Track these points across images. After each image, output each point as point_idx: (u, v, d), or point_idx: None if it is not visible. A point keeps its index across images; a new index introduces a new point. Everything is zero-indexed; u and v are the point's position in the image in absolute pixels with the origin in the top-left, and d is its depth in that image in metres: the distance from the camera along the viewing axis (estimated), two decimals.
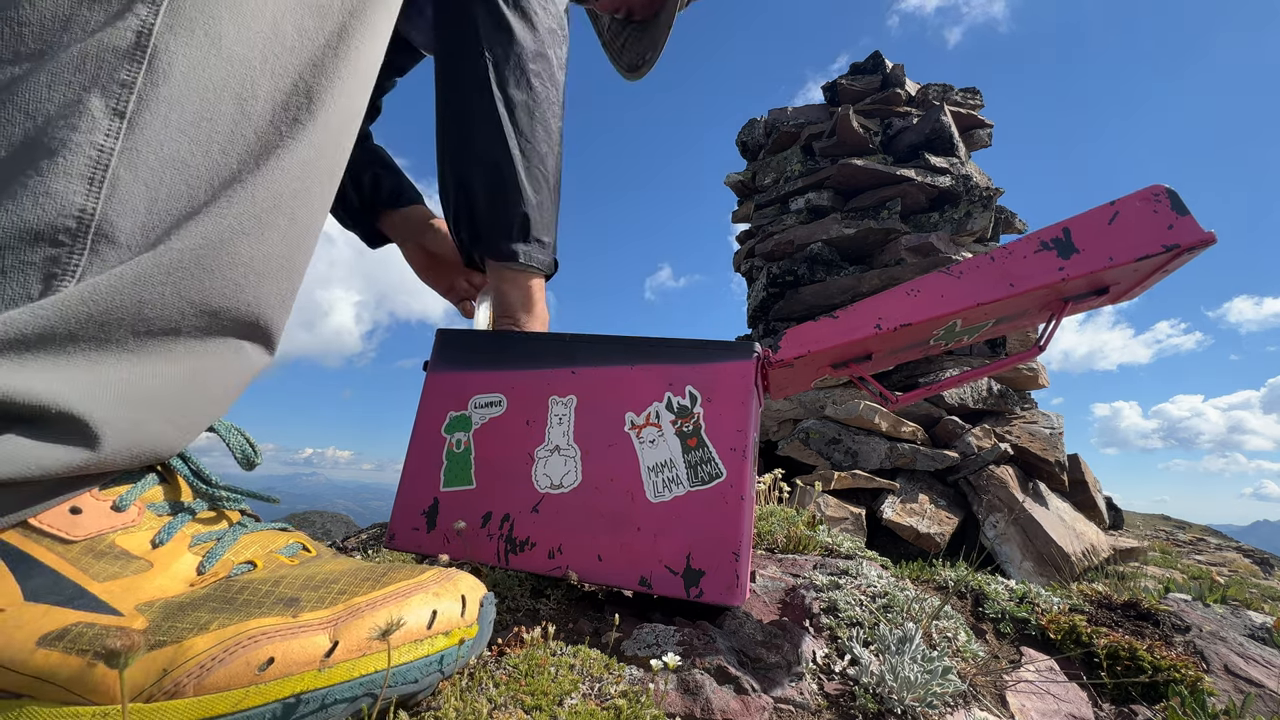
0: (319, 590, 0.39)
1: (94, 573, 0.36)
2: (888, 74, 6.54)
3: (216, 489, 0.45)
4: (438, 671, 0.39)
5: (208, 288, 0.39)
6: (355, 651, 0.36)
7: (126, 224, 0.36)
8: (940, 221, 5.70)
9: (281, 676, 0.34)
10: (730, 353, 0.65)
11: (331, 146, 0.44)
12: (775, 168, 6.59)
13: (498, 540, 0.64)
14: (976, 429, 4.65)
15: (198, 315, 0.39)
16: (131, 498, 0.40)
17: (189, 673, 0.33)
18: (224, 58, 0.37)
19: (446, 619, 0.40)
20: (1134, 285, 0.69)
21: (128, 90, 0.35)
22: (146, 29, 0.35)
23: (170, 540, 0.40)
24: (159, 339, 0.38)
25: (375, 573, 0.42)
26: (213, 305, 0.40)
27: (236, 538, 0.43)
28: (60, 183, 0.34)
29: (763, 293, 6.00)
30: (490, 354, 0.71)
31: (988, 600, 0.89)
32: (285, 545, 0.45)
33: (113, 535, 0.38)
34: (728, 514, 0.60)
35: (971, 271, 0.65)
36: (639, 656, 0.54)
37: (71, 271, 0.34)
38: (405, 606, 0.38)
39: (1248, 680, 0.78)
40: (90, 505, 0.38)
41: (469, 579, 0.44)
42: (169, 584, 0.38)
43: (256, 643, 0.34)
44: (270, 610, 0.37)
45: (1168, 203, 0.61)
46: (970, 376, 0.76)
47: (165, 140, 0.36)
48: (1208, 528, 7.77)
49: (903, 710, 0.55)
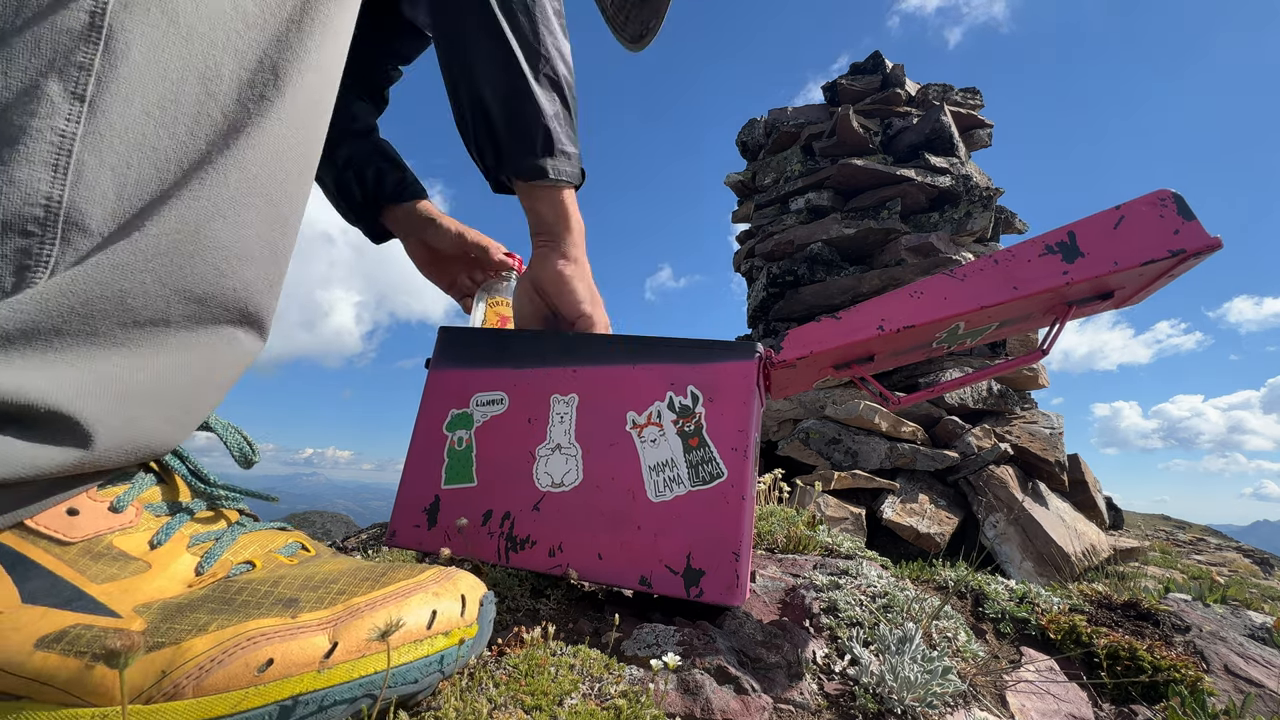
0: (318, 590, 0.39)
1: (92, 574, 0.36)
2: (888, 74, 6.54)
3: (215, 488, 0.44)
4: (438, 671, 0.39)
5: (190, 273, 0.38)
6: (355, 652, 0.36)
7: (97, 211, 0.35)
8: (940, 221, 5.70)
9: (281, 678, 0.34)
10: (732, 353, 0.65)
11: (305, 125, 0.43)
12: (775, 168, 6.59)
13: (498, 538, 0.64)
14: (976, 429, 4.65)
15: (184, 303, 0.38)
16: (129, 498, 0.40)
17: (188, 674, 0.32)
18: (183, 36, 0.36)
19: (446, 619, 0.40)
20: (1139, 290, 0.69)
21: (85, 72, 0.34)
22: (100, 8, 0.34)
23: (168, 541, 0.40)
24: (147, 330, 0.37)
25: (375, 572, 0.41)
26: (197, 291, 0.39)
27: (235, 538, 0.43)
28: (23, 170, 0.32)
29: (763, 293, 6.00)
30: (492, 352, 0.71)
31: (988, 600, 0.89)
32: (284, 545, 0.45)
33: (110, 536, 0.38)
34: (728, 514, 0.60)
35: (975, 274, 0.65)
36: (639, 656, 0.54)
37: (44, 263, 0.33)
38: (405, 606, 0.38)
39: (1248, 680, 0.78)
40: (87, 506, 0.38)
41: (469, 578, 0.44)
42: (167, 585, 0.38)
43: (255, 644, 0.34)
44: (269, 611, 0.36)
45: (1174, 207, 0.61)
46: (972, 379, 0.76)
47: (129, 123, 0.35)
48: (1208, 528, 7.78)
49: (903, 710, 0.55)
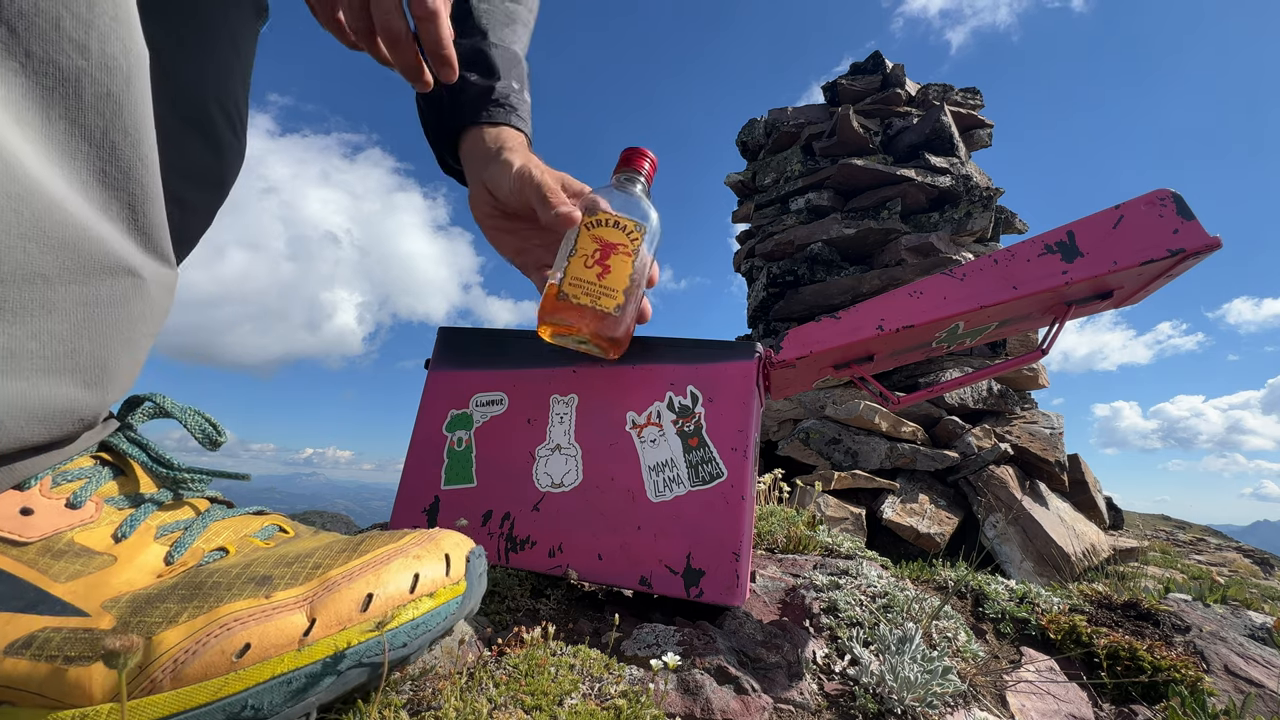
0: (292, 566, 0.38)
1: (54, 573, 0.35)
2: (888, 74, 6.54)
3: (179, 471, 0.43)
4: (426, 633, 0.38)
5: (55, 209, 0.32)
6: (334, 626, 0.35)
7: None
8: (940, 221, 5.70)
9: (260, 660, 0.33)
10: (732, 353, 0.65)
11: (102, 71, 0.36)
12: (775, 168, 6.59)
13: (498, 539, 0.64)
14: (976, 429, 4.65)
15: (56, 248, 0.33)
16: (86, 493, 0.38)
17: (163, 667, 0.32)
18: None
19: (430, 580, 0.39)
20: (1139, 289, 0.69)
21: None
22: None
23: (134, 533, 0.39)
24: (23, 289, 0.33)
25: (352, 543, 0.40)
26: (58, 232, 0.33)
27: (206, 525, 0.41)
28: None
29: (763, 293, 6.00)
30: (492, 352, 0.71)
31: (988, 600, 0.89)
32: (260, 529, 0.43)
33: (71, 533, 0.37)
34: (728, 514, 0.60)
35: (974, 274, 0.65)
36: (639, 656, 0.54)
37: None
38: (384, 574, 0.37)
39: (1248, 680, 0.78)
40: (41, 504, 0.37)
41: (453, 536, 0.42)
42: (135, 577, 0.37)
43: (229, 630, 0.33)
44: (241, 591, 0.35)
45: (1173, 207, 0.61)
46: (972, 378, 0.76)
47: None
48: (1208, 528, 7.78)
49: (903, 710, 0.55)
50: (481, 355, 0.71)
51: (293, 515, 0.59)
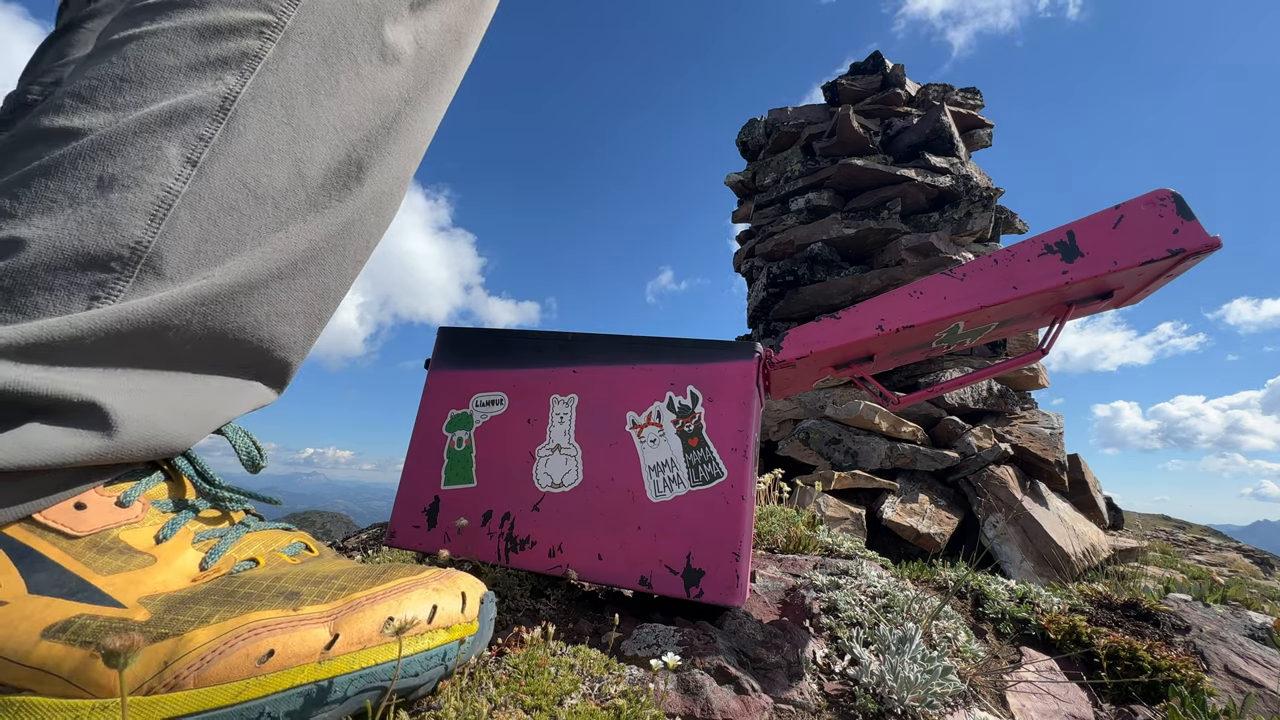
0: (319, 585, 0.39)
1: (97, 566, 0.37)
2: (888, 74, 6.54)
3: (220, 489, 0.45)
4: (439, 665, 0.39)
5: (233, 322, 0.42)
6: (355, 644, 0.36)
7: (174, 259, 0.39)
8: (940, 221, 5.69)
9: (281, 669, 0.34)
10: (732, 353, 0.65)
11: (373, 212, 0.50)
12: (775, 168, 6.58)
13: (498, 538, 0.64)
14: (976, 429, 4.65)
15: (216, 346, 0.42)
16: (136, 494, 0.40)
17: (189, 665, 0.33)
18: (293, 128, 0.43)
19: (447, 614, 0.40)
20: (1139, 289, 0.69)
21: (204, 143, 0.40)
22: (232, 95, 0.41)
23: (174, 536, 0.41)
24: (178, 360, 0.41)
25: (375, 571, 0.42)
26: (232, 338, 0.43)
27: (239, 536, 0.44)
28: (124, 216, 0.37)
29: (763, 293, 6.00)
30: (492, 352, 0.71)
31: (988, 600, 0.89)
32: (288, 544, 0.46)
33: (117, 530, 0.39)
34: (728, 514, 0.60)
35: (975, 274, 0.65)
36: (639, 656, 0.54)
37: (114, 296, 0.37)
38: (405, 601, 0.39)
39: (1248, 680, 0.78)
40: (95, 501, 0.39)
41: (468, 578, 0.44)
42: (172, 578, 0.39)
43: (256, 635, 0.34)
44: (271, 603, 0.37)
45: (1173, 207, 0.61)
46: (972, 379, 0.76)
47: (226, 190, 0.40)
48: (1208, 528, 7.77)
49: (903, 710, 0.55)
50: (482, 355, 0.71)
51: (293, 515, 0.60)
